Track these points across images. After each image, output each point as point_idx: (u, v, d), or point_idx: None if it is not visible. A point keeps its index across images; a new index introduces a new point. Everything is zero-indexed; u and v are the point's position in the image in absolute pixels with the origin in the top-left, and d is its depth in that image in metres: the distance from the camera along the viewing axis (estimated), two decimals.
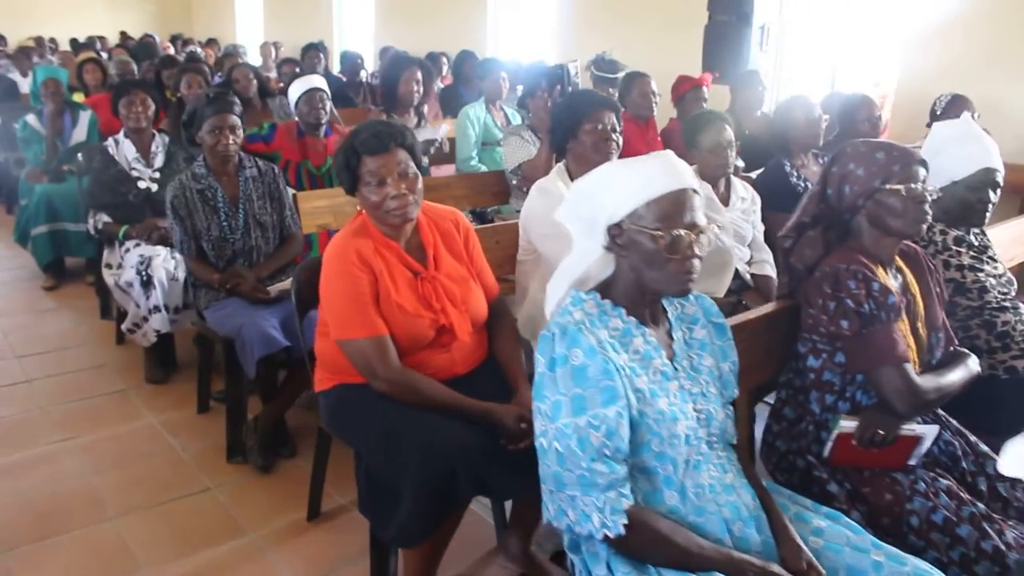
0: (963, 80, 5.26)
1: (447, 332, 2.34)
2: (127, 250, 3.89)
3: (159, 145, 4.16)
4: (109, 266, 4.00)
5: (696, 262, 1.64)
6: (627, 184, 1.65)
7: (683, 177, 1.64)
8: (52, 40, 12.55)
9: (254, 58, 10.77)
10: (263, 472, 3.14)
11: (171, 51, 10.70)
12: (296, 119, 4.43)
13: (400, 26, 10.41)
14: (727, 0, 6.58)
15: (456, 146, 5.15)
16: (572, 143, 2.82)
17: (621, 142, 2.84)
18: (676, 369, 1.75)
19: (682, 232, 1.61)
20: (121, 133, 4.13)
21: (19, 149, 6.61)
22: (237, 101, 3.30)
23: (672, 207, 1.62)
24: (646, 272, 1.66)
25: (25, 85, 8.47)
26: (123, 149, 4.08)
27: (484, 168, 5.13)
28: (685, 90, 5.06)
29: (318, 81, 4.37)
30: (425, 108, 5.03)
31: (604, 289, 1.75)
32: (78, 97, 6.39)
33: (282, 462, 3.21)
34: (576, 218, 1.76)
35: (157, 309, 3.68)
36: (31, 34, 12.49)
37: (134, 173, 4.04)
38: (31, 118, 5.48)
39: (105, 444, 3.35)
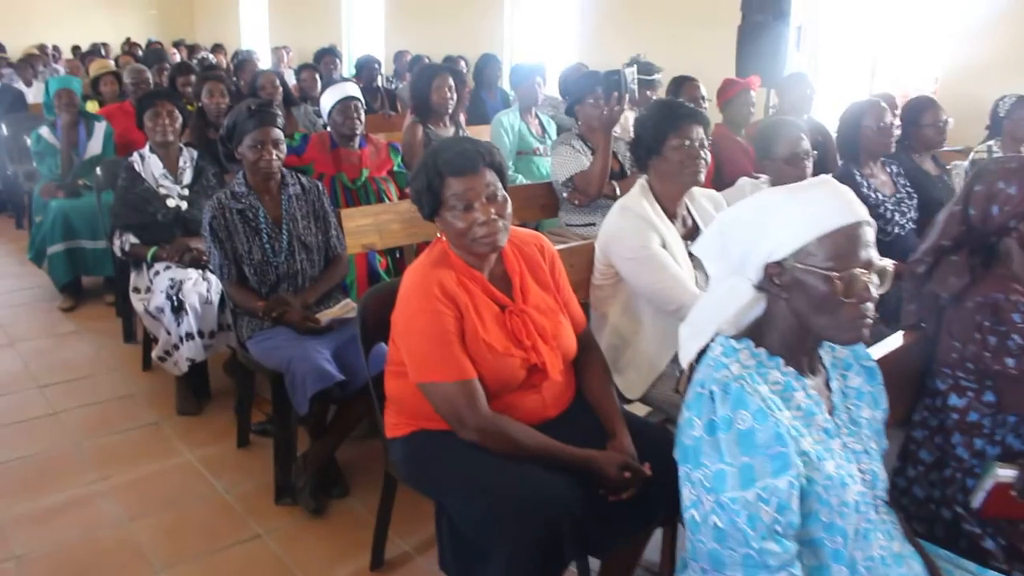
0: (1010, 77, 5.05)
1: (538, 371, 2.12)
2: (156, 273, 3.65)
3: (187, 160, 3.92)
4: (137, 290, 3.76)
5: (871, 305, 1.42)
6: (793, 217, 1.42)
7: (856, 209, 1.42)
8: (55, 48, 12.28)
9: (264, 63, 10.52)
10: (316, 515, 2.90)
11: (177, 57, 10.45)
12: (326, 129, 4.21)
13: (412, 29, 10.18)
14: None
15: None
16: (656, 160, 2.59)
17: (709, 158, 2.61)
18: (837, 425, 1.53)
19: (859, 272, 1.38)
20: (146, 148, 3.89)
21: (29, 162, 6.41)
22: (280, 113, 3.06)
23: (847, 244, 1.39)
24: (813, 317, 1.43)
25: (30, 95, 8.25)
26: (149, 165, 3.84)
27: (521, 179, 4.91)
28: (732, 94, 4.83)
29: (352, 90, 4.13)
30: (461, 117, 4.81)
31: (754, 335, 1.52)
32: (92, 107, 6.15)
33: (335, 503, 2.98)
34: (721, 253, 1.53)
35: (190, 336, 3.44)
36: (31, 42, 12.21)
37: (162, 190, 3.80)
38: (45, 131, 5.24)
39: (142, 485, 3.11)
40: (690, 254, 2.64)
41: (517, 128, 5.06)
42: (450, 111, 4.61)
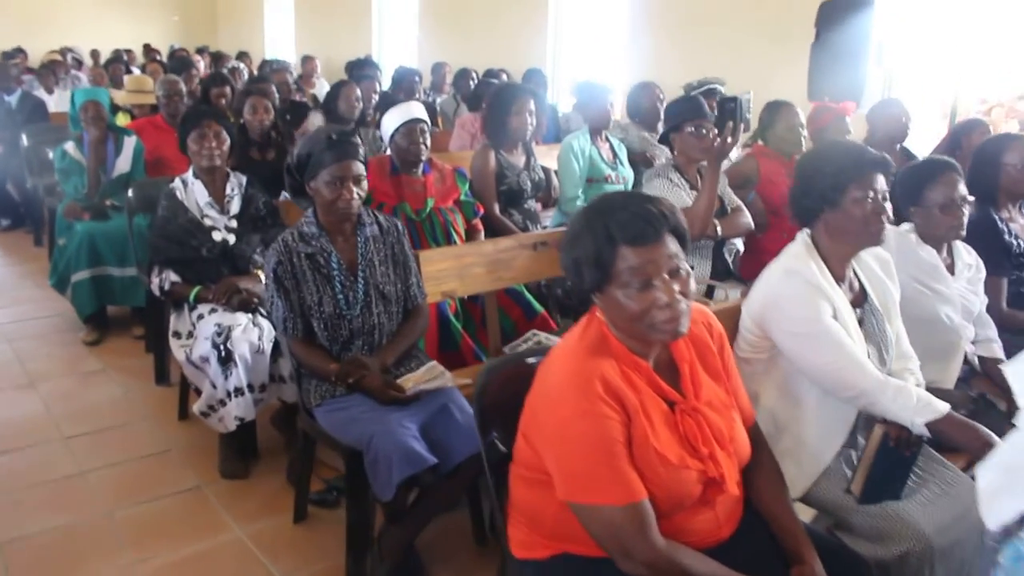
0: None
1: (715, 484, 1.67)
2: (200, 316, 3.21)
3: (234, 187, 3.48)
4: (177, 335, 3.32)
5: None
6: None
7: None
8: (76, 57, 11.89)
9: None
10: None
11: (202, 65, 10.04)
12: (386, 152, 3.79)
13: (448, 40, 9.77)
14: (839, 14, 5.92)
15: (560, 183, 4.48)
16: (831, 213, 2.14)
17: (891, 212, 2.16)
18: None
19: None
20: (189, 172, 3.46)
21: (50, 175, 6.00)
22: (361, 144, 2.62)
23: None
24: None
25: (52, 103, 7.85)
26: (193, 192, 3.41)
27: None
28: (826, 122, 4.38)
29: (419, 111, 3.71)
30: (533, 143, 4.38)
31: None
32: (122, 120, 5.74)
33: None
34: None
35: (239, 391, 3.01)
36: (50, 47, 11.85)
37: (207, 222, 3.36)
38: (70, 146, 4.82)
39: (189, 569, 2.68)
40: (860, 323, 2.20)
41: (588, 153, 4.62)
42: (528, 136, 4.19)
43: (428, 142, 3.70)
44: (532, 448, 1.71)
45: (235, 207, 3.43)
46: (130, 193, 4.25)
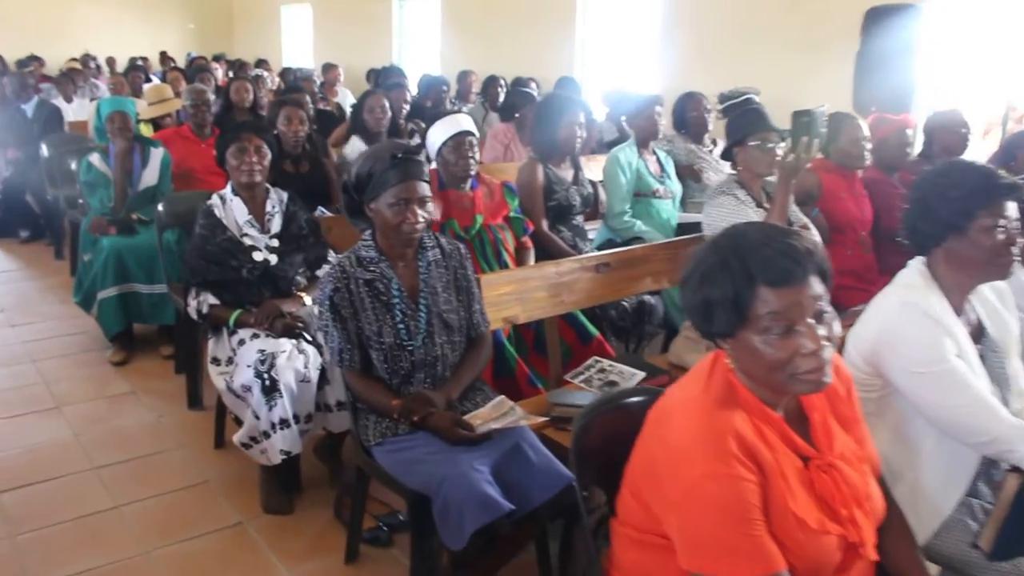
0: None
1: (854, 550, 1.48)
2: (241, 342, 3.03)
3: (275, 204, 3.30)
4: (216, 361, 3.14)
5: None
6: None
7: None
8: (96, 63, 11.76)
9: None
10: None
11: (219, 73, 9.90)
12: (433, 167, 3.60)
13: (472, 48, 9.60)
14: (886, 21, 5.72)
15: (607, 197, 4.30)
16: (955, 241, 1.95)
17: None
18: None
19: None
20: (228, 189, 3.28)
21: (70, 186, 5.86)
22: (426, 162, 2.44)
23: None
24: None
25: (71, 111, 7.70)
26: (232, 210, 3.23)
27: (640, 225, 4.29)
28: (887, 133, 4.17)
29: (467, 123, 3.53)
30: (581, 158, 4.19)
31: None
32: (146, 131, 5.57)
33: None
34: None
35: (284, 423, 2.82)
36: (66, 55, 11.73)
37: (247, 241, 3.18)
38: (95, 158, 4.65)
39: None
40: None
41: (635, 166, 4.44)
42: (578, 150, 4.00)
43: (477, 156, 3.53)
44: (645, 508, 1.52)
45: (276, 225, 3.25)
46: (160, 207, 4.08)
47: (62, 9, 14.17)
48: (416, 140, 4.84)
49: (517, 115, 6.17)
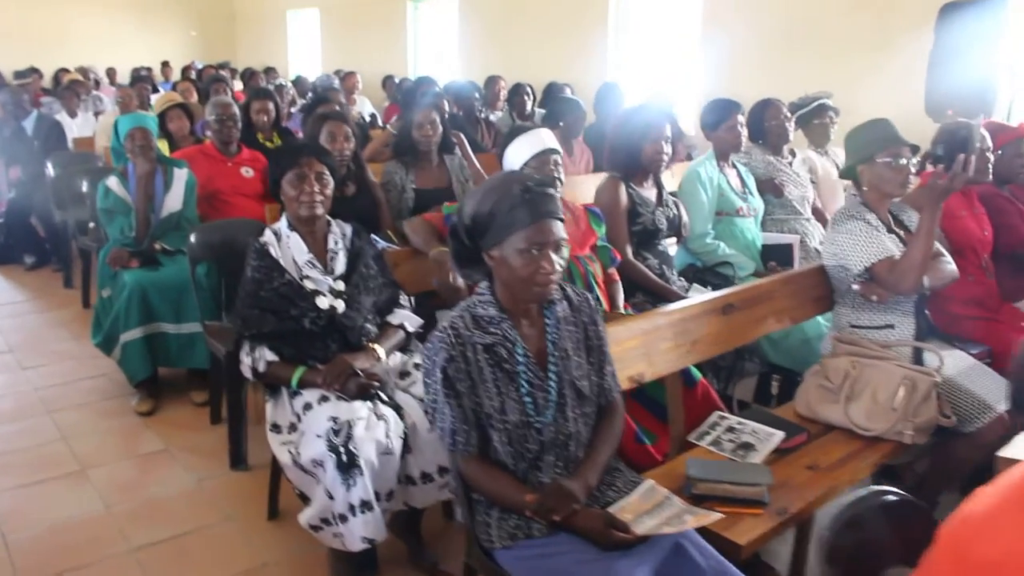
0: None
1: None
2: (307, 406, 2.56)
3: (338, 239, 2.83)
4: (277, 428, 2.66)
5: None
6: None
7: None
8: (83, 71, 11.24)
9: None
10: None
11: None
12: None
13: (495, 52, 9.14)
14: (964, 16, 5.28)
15: (687, 218, 3.84)
16: None
17: None
18: None
19: None
20: (283, 223, 2.80)
21: (79, 209, 5.39)
22: (557, 195, 1.97)
23: None
24: None
25: (75, 127, 7.23)
26: (289, 248, 2.76)
27: (724, 247, 3.83)
28: (1005, 142, 3.72)
29: (550, 139, 3.09)
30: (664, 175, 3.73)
31: None
32: (162, 148, 5.08)
33: None
34: None
35: (366, 506, 2.36)
36: (64, 66, 11.24)
37: (308, 285, 2.70)
38: (113, 182, 4.17)
39: None
40: None
41: (716, 182, 3.99)
42: (664, 167, 3.55)
43: (563, 177, 3.08)
44: None
45: (340, 265, 2.78)
46: (192, 238, 3.63)
47: (58, 19, 13.66)
48: (457, 155, 4.37)
49: (561, 124, 5.73)
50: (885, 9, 5.98)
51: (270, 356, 2.64)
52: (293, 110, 7.12)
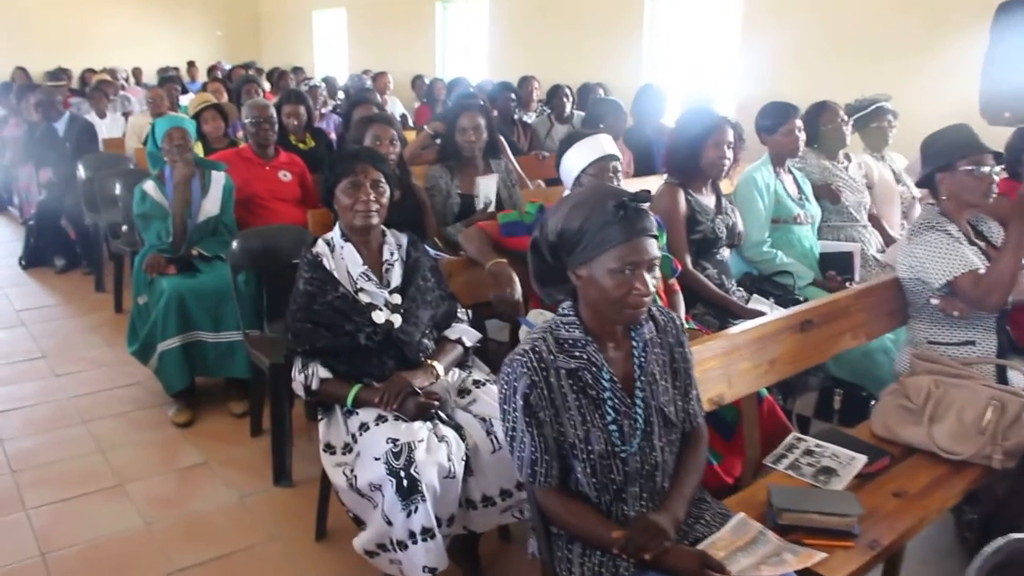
0: None
1: None
2: (363, 427, 2.44)
3: (393, 249, 2.70)
4: (331, 449, 2.54)
5: None
6: None
7: None
8: (111, 71, 11.18)
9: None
10: None
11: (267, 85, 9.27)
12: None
13: (524, 53, 9.00)
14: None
15: (743, 225, 3.68)
16: None
17: None
18: None
19: None
20: (336, 233, 2.68)
21: (111, 211, 5.30)
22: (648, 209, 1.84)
23: None
24: None
25: (103, 128, 7.15)
26: (342, 259, 2.63)
27: (782, 257, 3.69)
28: None
29: (610, 145, 2.97)
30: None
31: None
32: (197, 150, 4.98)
33: None
34: None
35: (427, 533, 2.24)
36: (89, 66, 11.19)
37: (363, 298, 2.57)
38: (150, 187, 4.06)
39: None
40: None
41: (772, 188, 3.84)
42: (725, 174, 3.40)
43: (623, 184, 2.94)
44: None
45: (396, 277, 2.65)
46: (234, 245, 3.51)
47: (83, 19, 13.64)
48: (503, 159, 4.23)
49: (601, 126, 5.59)
50: (935, 9, 5.81)
51: (324, 373, 2.51)
52: (324, 111, 7.00)
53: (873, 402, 3.53)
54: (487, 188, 3.84)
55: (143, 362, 3.90)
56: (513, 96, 6.47)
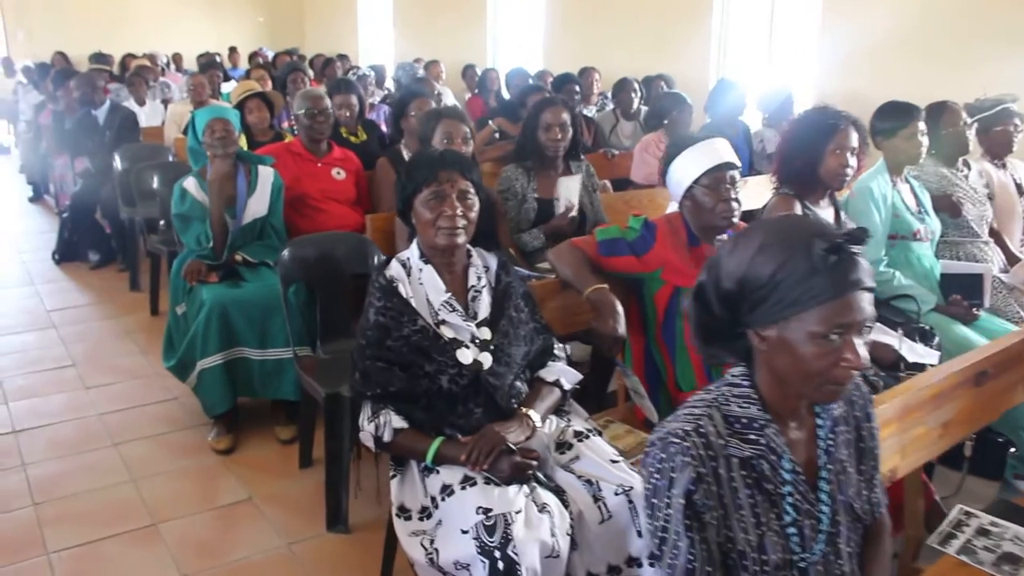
0: None
1: None
2: (447, 490, 2.02)
3: (480, 272, 2.27)
4: (406, 513, 2.11)
5: None
6: None
7: None
8: (151, 56, 10.87)
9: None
10: None
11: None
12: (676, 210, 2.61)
13: (580, 43, 8.56)
14: None
15: None
16: None
17: None
18: None
19: None
20: (414, 252, 2.25)
21: (148, 206, 4.94)
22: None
23: None
24: None
25: (143, 116, 6.79)
26: (421, 284, 2.20)
27: (900, 277, 3.23)
28: None
29: (727, 151, 2.52)
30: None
31: None
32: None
33: None
34: None
35: None
36: (128, 51, 10.89)
37: (446, 332, 2.15)
38: (191, 184, 3.67)
39: None
40: None
41: (890, 200, 3.38)
42: (845, 184, 2.95)
43: (740, 198, 2.50)
44: None
45: (484, 306, 2.22)
46: (285, 254, 3.12)
47: (122, 2, 13.37)
48: (583, 163, 3.79)
49: (666, 122, 5.16)
50: None
51: (398, 423, 2.10)
52: (374, 101, 6.59)
53: (1012, 449, 3.09)
54: (569, 190, 3.42)
55: (181, 379, 3.53)
56: (577, 88, 6.01)
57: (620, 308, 2.37)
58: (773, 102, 5.81)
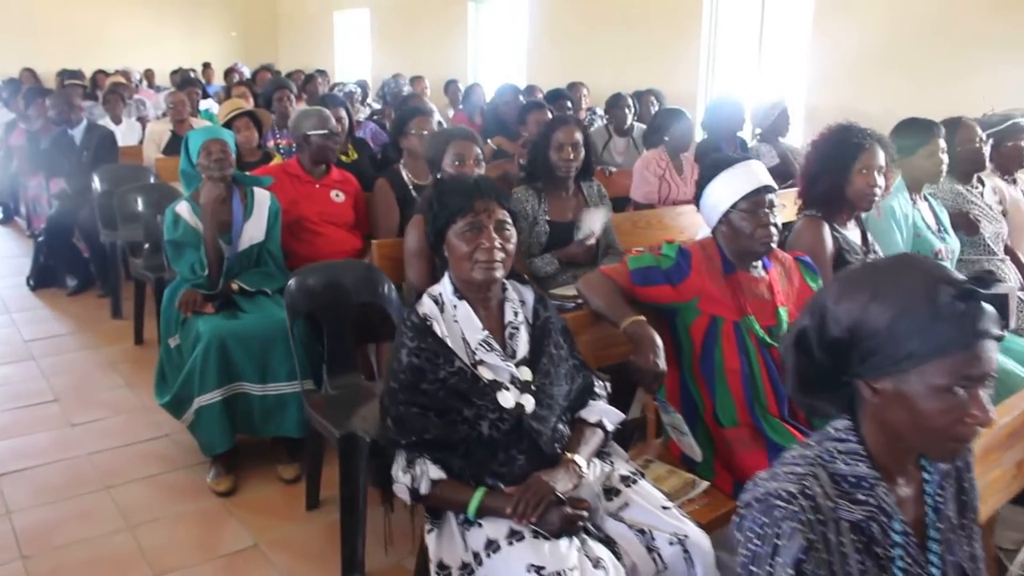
0: None
1: None
2: (492, 545, 1.88)
3: (517, 307, 2.13)
4: (445, 570, 1.95)
5: None
6: None
7: None
8: (124, 73, 10.61)
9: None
10: None
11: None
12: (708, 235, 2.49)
13: (566, 57, 8.46)
14: None
15: None
16: None
17: None
18: None
19: None
20: (446, 287, 2.10)
21: (130, 228, 4.75)
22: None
23: None
24: None
25: (119, 134, 6.57)
26: (456, 321, 2.05)
27: None
28: None
29: (764, 174, 2.42)
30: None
31: None
32: None
33: None
34: None
35: None
36: (100, 67, 10.63)
37: (485, 374, 2.00)
38: (184, 208, 3.49)
39: None
40: None
41: (911, 219, 3.29)
42: (873, 206, 2.86)
43: (779, 223, 2.38)
44: None
45: (523, 344, 2.08)
46: (291, 284, 2.96)
47: (93, 19, 13.10)
48: (595, 182, 3.68)
49: (667, 138, 5.06)
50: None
51: (436, 473, 1.94)
52: (360, 118, 6.44)
53: None
54: (592, 222, 3.29)
55: (176, 416, 3.35)
56: (569, 104, 5.90)
57: (660, 342, 2.24)
58: (768, 116, 5.73)
